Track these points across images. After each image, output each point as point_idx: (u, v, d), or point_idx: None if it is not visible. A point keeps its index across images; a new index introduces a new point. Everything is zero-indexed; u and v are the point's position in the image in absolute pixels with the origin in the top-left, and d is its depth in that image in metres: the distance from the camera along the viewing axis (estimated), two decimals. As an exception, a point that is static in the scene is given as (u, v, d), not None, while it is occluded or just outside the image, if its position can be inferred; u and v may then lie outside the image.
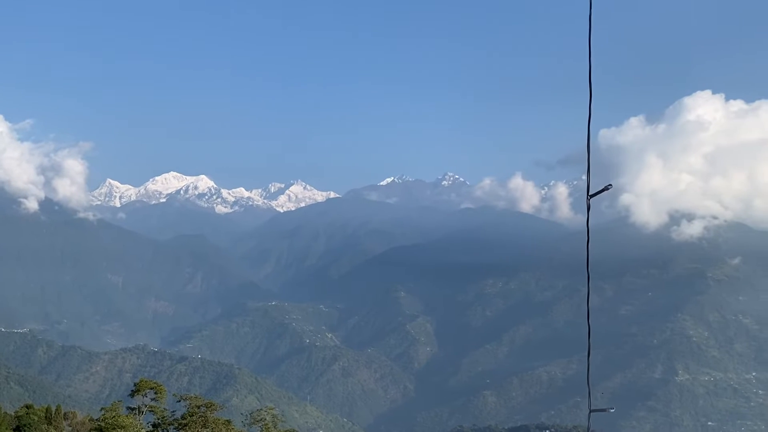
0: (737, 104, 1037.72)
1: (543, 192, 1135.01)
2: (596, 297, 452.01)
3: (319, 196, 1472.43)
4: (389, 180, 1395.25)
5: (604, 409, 14.56)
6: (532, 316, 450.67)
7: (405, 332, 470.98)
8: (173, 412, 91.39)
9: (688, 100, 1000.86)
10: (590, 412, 13.59)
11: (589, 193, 10.82)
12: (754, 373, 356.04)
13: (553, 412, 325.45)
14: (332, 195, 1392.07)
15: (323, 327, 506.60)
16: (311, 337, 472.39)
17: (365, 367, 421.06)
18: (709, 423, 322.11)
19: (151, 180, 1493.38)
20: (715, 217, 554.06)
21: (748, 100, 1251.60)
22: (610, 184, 11.30)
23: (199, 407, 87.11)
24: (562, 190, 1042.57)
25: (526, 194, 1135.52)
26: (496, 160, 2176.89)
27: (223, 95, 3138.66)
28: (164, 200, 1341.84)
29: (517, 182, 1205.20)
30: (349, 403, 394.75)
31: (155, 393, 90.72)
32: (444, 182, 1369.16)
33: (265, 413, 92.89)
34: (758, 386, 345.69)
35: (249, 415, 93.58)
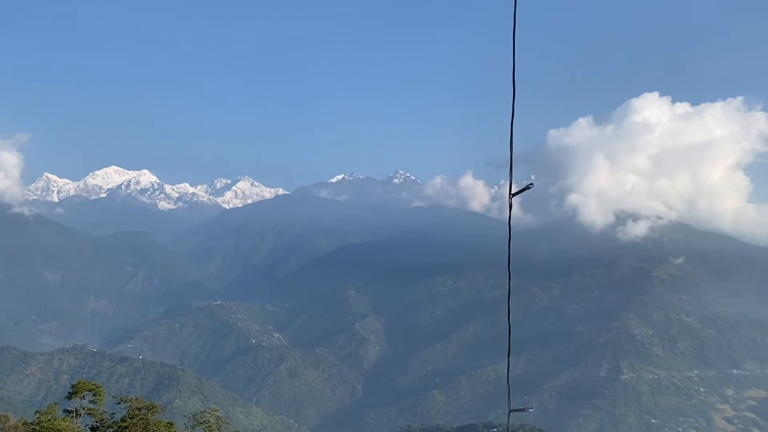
0: (683, 107, 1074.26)
1: (493, 191, 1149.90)
2: (544, 296, 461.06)
3: (267, 192, 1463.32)
4: (339, 177, 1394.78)
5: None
6: (481, 314, 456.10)
7: (354, 332, 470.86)
8: (113, 414, 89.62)
9: (635, 102, 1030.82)
10: (510, 412, 14.04)
11: (511, 192, 11.33)
12: (696, 371, 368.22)
13: (500, 411, 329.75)
14: (281, 192, 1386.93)
15: (270, 327, 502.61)
16: (257, 337, 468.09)
17: (313, 368, 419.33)
18: (653, 420, 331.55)
19: (90, 174, 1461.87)
20: (659, 218, 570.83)
21: (694, 102, 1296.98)
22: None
23: (139, 409, 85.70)
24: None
25: (476, 193, 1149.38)
26: (447, 158, 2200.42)
27: (167, 88, 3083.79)
28: (105, 195, 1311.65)
29: (468, 181, 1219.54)
30: (296, 404, 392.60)
31: (94, 395, 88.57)
32: (395, 180, 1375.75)
33: (209, 415, 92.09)
34: (700, 384, 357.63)
35: (192, 417, 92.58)
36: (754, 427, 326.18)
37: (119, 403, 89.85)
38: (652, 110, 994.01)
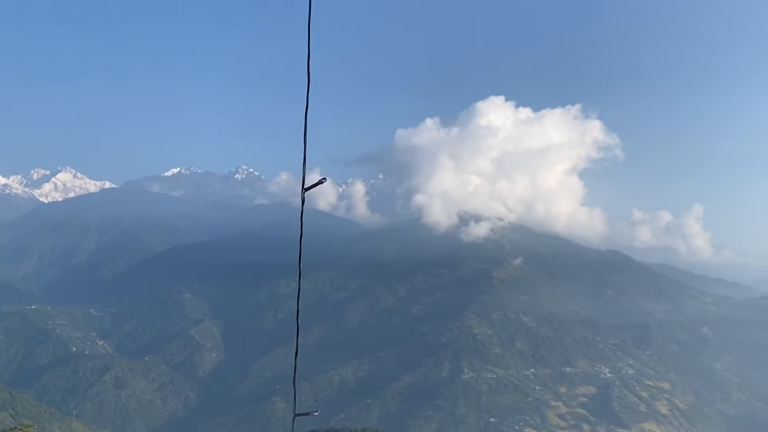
0: (525, 112, 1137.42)
1: (341, 190, 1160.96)
2: (390, 297, 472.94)
3: (92, 185, 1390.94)
4: (175, 171, 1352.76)
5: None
6: (326, 317, 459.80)
7: (189, 337, 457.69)
8: None
9: (481, 105, 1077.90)
10: (294, 416, 14.58)
11: (304, 187, 11.66)
12: (532, 370, 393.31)
13: (343, 415, 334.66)
14: (107, 185, 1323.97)
15: (93, 333, 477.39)
16: (79, 344, 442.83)
17: (142, 377, 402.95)
18: (491, 419, 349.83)
19: None
20: (500, 219, 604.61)
21: (536, 108, 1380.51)
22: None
23: (-64, 428, 79.01)
24: (359, 188, 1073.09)
25: (323, 191, 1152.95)
26: (292, 154, 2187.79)
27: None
28: None
29: (314, 179, 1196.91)
30: (122, 417, 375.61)
31: None
32: (237, 176, 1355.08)
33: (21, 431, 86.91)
34: (536, 382, 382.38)
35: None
36: (585, 422, 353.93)
37: None
38: (497, 114, 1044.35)
